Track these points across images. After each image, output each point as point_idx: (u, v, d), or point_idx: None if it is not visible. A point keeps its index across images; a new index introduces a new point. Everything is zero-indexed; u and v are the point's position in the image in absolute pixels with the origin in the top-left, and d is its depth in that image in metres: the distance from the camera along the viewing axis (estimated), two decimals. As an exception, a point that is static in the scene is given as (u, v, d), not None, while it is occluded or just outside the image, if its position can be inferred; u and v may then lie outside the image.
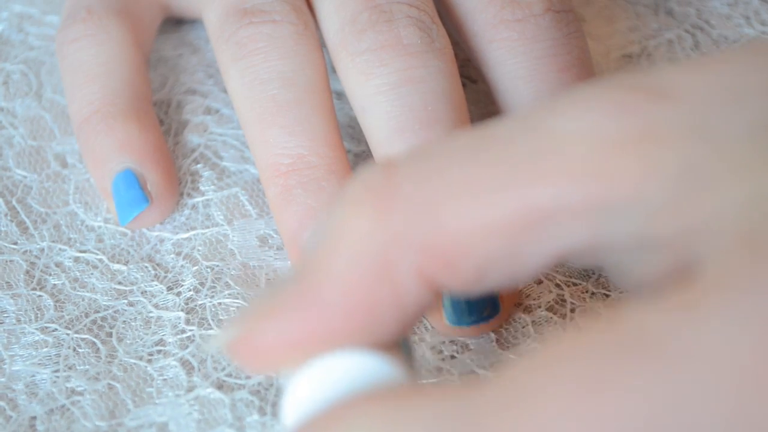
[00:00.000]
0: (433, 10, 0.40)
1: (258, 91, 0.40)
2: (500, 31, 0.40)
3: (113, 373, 0.38)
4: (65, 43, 0.44)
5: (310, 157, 0.39)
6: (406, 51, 0.38)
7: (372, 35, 0.39)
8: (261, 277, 0.40)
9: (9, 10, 0.50)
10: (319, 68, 0.40)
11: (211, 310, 0.39)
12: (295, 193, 0.39)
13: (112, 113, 0.42)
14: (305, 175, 0.39)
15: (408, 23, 0.39)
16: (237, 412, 0.36)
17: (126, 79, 0.43)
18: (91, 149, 0.42)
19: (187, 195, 0.43)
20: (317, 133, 0.39)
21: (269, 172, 0.39)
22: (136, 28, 0.44)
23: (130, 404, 0.37)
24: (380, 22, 0.39)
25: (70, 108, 0.43)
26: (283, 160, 0.39)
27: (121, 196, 0.41)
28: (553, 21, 0.39)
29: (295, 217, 0.39)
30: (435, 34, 0.39)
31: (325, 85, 0.40)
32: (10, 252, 0.41)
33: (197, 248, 0.41)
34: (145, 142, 0.42)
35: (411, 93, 0.38)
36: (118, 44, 0.43)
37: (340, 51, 0.39)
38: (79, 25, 0.44)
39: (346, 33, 0.39)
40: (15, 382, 0.38)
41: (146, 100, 0.43)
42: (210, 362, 0.37)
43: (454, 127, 0.38)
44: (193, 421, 0.36)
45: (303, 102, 0.39)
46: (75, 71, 0.43)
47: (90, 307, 0.40)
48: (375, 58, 0.38)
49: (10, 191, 0.43)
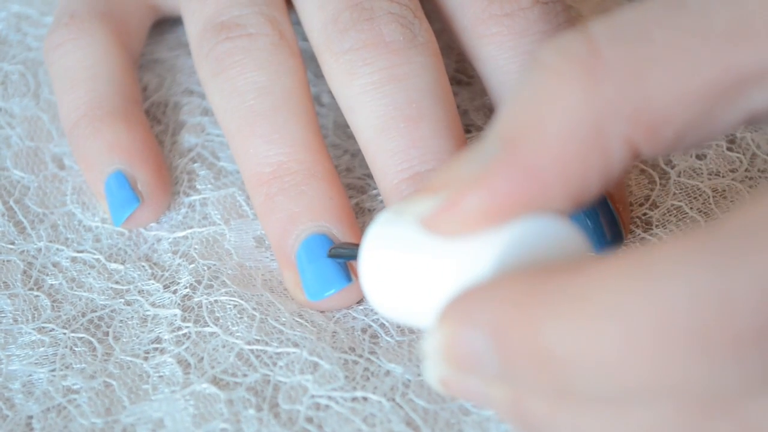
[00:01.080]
0: (416, 4, 0.40)
1: (236, 103, 0.40)
2: (489, 26, 0.40)
3: (109, 370, 0.37)
4: (50, 49, 0.44)
5: (289, 164, 0.39)
6: (389, 49, 0.38)
7: (354, 34, 0.39)
8: (257, 277, 0.40)
9: (7, 11, 0.50)
10: (296, 75, 0.41)
11: (207, 307, 0.39)
12: (277, 200, 0.39)
13: (99, 116, 0.42)
14: (286, 182, 0.39)
15: (389, 20, 0.39)
16: (233, 408, 0.36)
17: (111, 80, 0.43)
18: (82, 153, 0.42)
19: (184, 193, 0.43)
20: (296, 140, 0.40)
21: (253, 182, 0.40)
22: (120, 30, 0.44)
23: (126, 401, 0.37)
24: (361, 20, 0.39)
25: (60, 113, 0.43)
26: (264, 168, 0.39)
27: (113, 197, 0.41)
28: (542, 13, 0.39)
29: (279, 224, 0.39)
30: (417, 29, 0.39)
31: (303, 91, 0.40)
32: (7, 252, 0.41)
33: (194, 247, 0.41)
34: (133, 142, 0.42)
35: (396, 91, 0.38)
36: (101, 47, 0.44)
37: (324, 51, 0.39)
38: (63, 30, 0.44)
39: (329, 32, 0.39)
40: (12, 382, 0.38)
41: (133, 100, 0.43)
42: (207, 359, 0.37)
43: (442, 121, 0.38)
44: (188, 416, 0.36)
45: (280, 109, 0.40)
46: (61, 77, 0.44)
47: (87, 307, 0.40)
48: (358, 58, 0.39)
49: (7, 191, 0.43)
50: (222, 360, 0.37)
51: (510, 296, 0.25)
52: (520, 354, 0.25)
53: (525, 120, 0.27)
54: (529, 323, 0.25)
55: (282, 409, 0.36)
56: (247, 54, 0.40)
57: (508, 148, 0.27)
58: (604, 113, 0.26)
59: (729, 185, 0.41)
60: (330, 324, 0.38)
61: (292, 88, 0.40)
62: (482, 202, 0.27)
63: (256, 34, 0.41)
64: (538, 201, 0.27)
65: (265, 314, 0.38)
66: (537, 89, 0.27)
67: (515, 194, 0.27)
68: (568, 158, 0.27)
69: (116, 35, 0.44)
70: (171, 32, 0.49)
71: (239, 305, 0.39)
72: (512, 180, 0.27)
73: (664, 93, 0.26)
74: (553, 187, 0.27)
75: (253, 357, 0.37)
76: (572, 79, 0.27)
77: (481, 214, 0.27)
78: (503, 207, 0.27)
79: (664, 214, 0.40)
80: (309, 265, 0.38)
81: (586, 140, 0.26)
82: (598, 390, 0.24)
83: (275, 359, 0.37)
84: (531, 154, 0.27)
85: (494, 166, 0.27)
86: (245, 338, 0.38)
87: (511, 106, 0.28)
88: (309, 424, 0.35)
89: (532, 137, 0.27)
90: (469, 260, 0.27)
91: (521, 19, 0.39)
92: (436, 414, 0.35)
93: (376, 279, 0.30)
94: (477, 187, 0.27)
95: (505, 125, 0.27)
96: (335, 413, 0.36)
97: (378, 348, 0.38)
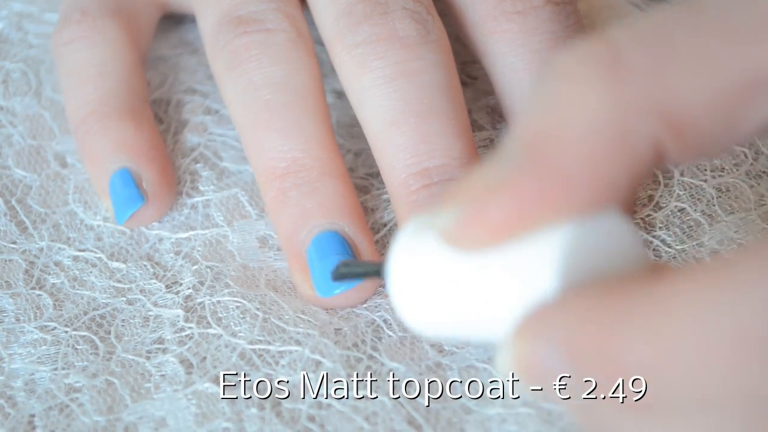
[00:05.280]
0: (429, 1, 0.40)
1: (251, 97, 0.40)
2: (500, 23, 0.40)
3: (111, 369, 0.37)
4: (60, 45, 0.44)
5: (304, 160, 0.39)
6: (402, 43, 0.38)
7: (367, 28, 0.39)
8: (261, 278, 0.40)
9: (8, 9, 0.50)
10: (312, 73, 0.41)
11: (210, 308, 0.39)
12: (290, 195, 0.39)
13: (107, 113, 0.42)
14: (300, 178, 0.39)
15: (404, 15, 0.39)
16: (235, 407, 0.36)
17: (121, 79, 0.43)
18: (88, 150, 0.42)
19: (187, 194, 0.43)
20: (311, 136, 0.39)
21: (265, 176, 0.40)
22: (131, 28, 0.44)
23: (128, 399, 0.37)
24: (375, 14, 0.39)
25: (67, 110, 0.43)
26: (278, 163, 0.39)
27: (117, 195, 0.41)
28: (553, 13, 0.39)
29: (290, 219, 0.39)
30: (431, 25, 0.39)
31: (318, 89, 0.40)
32: (9, 251, 0.41)
33: (197, 248, 0.41)
34: (141, 141, 0.42)
35: (407, 86, 0.38)
36: (112, 45, 0.44)
37: (336, 44, 0.39)
38: (74, 27, 0.44)
39: (342, 25, 0.39)
40: (14, 380, 0.37)
41: (142, 99, 0.43)
42: (210, 359, 0.37)
43: (452, 119, 0.38)
44: (190, 415, 0.36)
45: (296, 106, 0.40)
46: (71, 73, 0.43)
47: (89, 305, 0.39)
48: (370, 51, 0.38)
49: (9, 191, 0.43)
50: (224, 360, 0.37)
51: (585, 312, 0.25)
52: (597, 370, 0.25)
53: (549, 124, 0.27)
54: (607, 338, 0.25)
55: (284, 408, 0.36)
56: (264, 49, 0.40)
57: (533, 152, 0.26)
58: (630, 113, 0.26)
59: (733, 184, 0.41)
60: (334, 319, 0.38)
61: (308, 84, 0.40)
62: (508, 211, 0.26)
63: (275, 30, 0.41)
64: (565, 206, 0.26)
65: (267, 313, 0.38)
66: (559, 94, 0.27)
67: (543, 199, 0.26)
68: (596, 159, 0.26)
69: (127, 33, 0.44)
70: (174, 30, 0.49)
71: (242, 305, 0.39)
72: (539, 184, 0.26)
73: (687, 93, 0.26)
74: (582, 189, 0.26)
75: (255, 356, 0.37)
76: (595, 81, 0.26)
77: (507, 224, 0.27)
78: (530, 214, 0.26)
79: (667, 215, 0.40)
80: (319, 261, 0.38)
81: (613, 140, 0.26)
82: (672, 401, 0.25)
83: (277, 358, 0.37)
84: (558, 157, 0.26)
85: (519, 172, 0.26)
86: (247, 338, 0.38)
87: (532, 112, 0.27)
88: (311, 422, 0.35)
89: (558, 140, 0.26)
90: (527, 268, 0.27)
91: (532, 18, 0.39)
92: (438, 413, 0.35)
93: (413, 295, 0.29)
94: (501, 195, 0.27)
95: (528, 131, 0.27)
96: (337, 412, 0.36)
97: (381, 344, 0.37)
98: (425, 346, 0.37)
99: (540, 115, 0.27)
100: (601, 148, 0.26)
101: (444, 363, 0.37)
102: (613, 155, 0.26)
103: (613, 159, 0.26)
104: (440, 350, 0.37)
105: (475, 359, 0.37)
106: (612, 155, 0.26)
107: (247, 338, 0.38)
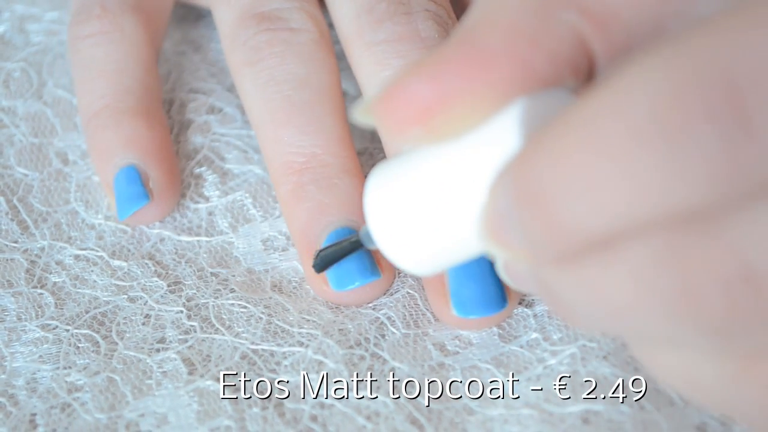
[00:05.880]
0: (449, 5, 0.40)
1: (272, 92, 0.40)
2: None
3: (113, 366, 0.37)
4: (79, 39, 0.44)
5: (324, 156, 0.39)
6: (424, 44, 0.39)
7: (390, 26, 0.39)
8: (266, 281, 0.40)
9: (11, 11, 0.50)
10: (333, 73, 0.41)
11: (213, 309, 0.39)
12: (308, 189, 0.39)
13: (121, 109, 0.42)
14: (319, 173, 0.39)
15: (426, 17, 0.39)
16: (237, 405, 0.36)
17: (138, 77, 0.43)
18: (97, 143, 0.42)
19: (191, 199, 0.43)
20: (331, 134, 0.40)
21: (282, 170, 0.40)
22: (149, 24, 0.44)
23: (129, 396, 0.37)
24: (399, 13, 0.39)
25: (80, 102, 0.43)
26: (297, 158, 0.39)
27: (121, 191, 0.41)
28: None
29: (306, 213, 0.39)
30: (451, 29, 0.39)
31: (338, 90, 0.41)
32: (10, 251, 0.41)
33: (201, 255, 0.41)
34: (152, 140, 0.42)
35: None
36: (131, 42, 0.44)
37: (355, 40, 0.39)
38: (94, 22, 0.44)
39: (362, 22, 0.39)
40: (16, 379, 0.37)
41: (156, 98, 0.43)
42: (212, 359, 0.37)
43: None
44: (192, 413, 0.36)
45: (317, 103, 0.40)
46: (87, 67, 0.43)
47: (90, 304, 0.39)
48: (392, 50, 0.39)
49: (11, 190, 0.43)
50: (227, 359, 0.37)
51: (519, 156, 0.25)
52: (523, 203, 0.25)
53: (480, 13, 0.27)
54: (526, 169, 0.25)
55: (286, 408, 0.36)
56: (288, 47, 0.40)
57: (461, 37, 0.27)
58: (549, 2, 0.26)
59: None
60: (338, 318, 0.38)
61: (329, 84, 0.40)
62: (430, 86, 0.26)
63: (299, 30, 0.41)
64: (487, 84, 0.26)
65: (271, 316, 0.38)
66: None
67: (464, 75, 0.26)
68: (516, 40, 0.26)
69: (145, 30, 0.44)
70: (177, 29, 0.49)
71: (246, 308, 0.39)
72: (463, 61, 0.26)
73: None
74: (502, 68, 0.26)
75: (257, 357, 0.37)
76: None
77: (432, 102, 0.26)
78: (453, 92, 0.26)
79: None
80: None
81: (532, 25, 0.26)
82: (589, 225, 0.24)
83: (280, 358, 0.37)
84: (481, 39, 0.26)
85: (444, 51, 0.27)
86: (251, 339, 0.38)
87: (472, 9, 0.28)
88: (313, 422, 0.35)
89: (483, 25, 0.27)
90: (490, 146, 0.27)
91: None
92: (440, 413, 0.35)
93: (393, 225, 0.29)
94: (426, 69, 0.27)
95: (461, 25, 0.27)
96: (339, 412, 0.36)
97: (384, 342, 0.37)
98: (428, 345, 0.37)
99: (475, 8, 0.27)
100: (521, 31, 0.26)
101: (447, 363, 0.37)
102: (532, 37, 0.26)
103: (532, 41, 0.26)
104: (443, 350, 0.37)
105: (478, 359, 0.37)
106: (531, 37, 0.26)
107: (250, 339, 0.38)
